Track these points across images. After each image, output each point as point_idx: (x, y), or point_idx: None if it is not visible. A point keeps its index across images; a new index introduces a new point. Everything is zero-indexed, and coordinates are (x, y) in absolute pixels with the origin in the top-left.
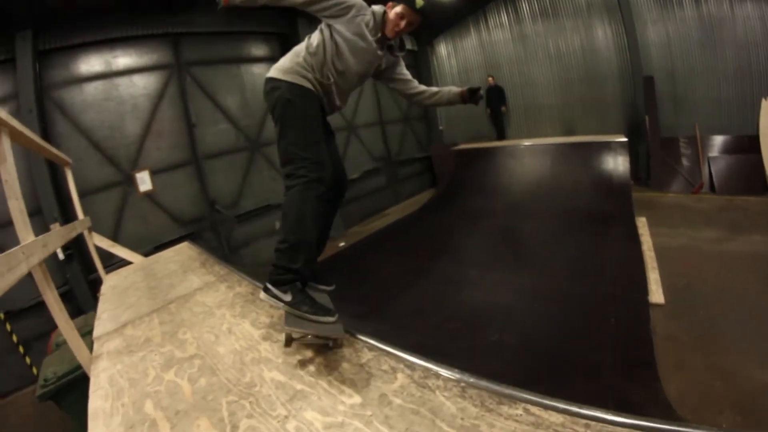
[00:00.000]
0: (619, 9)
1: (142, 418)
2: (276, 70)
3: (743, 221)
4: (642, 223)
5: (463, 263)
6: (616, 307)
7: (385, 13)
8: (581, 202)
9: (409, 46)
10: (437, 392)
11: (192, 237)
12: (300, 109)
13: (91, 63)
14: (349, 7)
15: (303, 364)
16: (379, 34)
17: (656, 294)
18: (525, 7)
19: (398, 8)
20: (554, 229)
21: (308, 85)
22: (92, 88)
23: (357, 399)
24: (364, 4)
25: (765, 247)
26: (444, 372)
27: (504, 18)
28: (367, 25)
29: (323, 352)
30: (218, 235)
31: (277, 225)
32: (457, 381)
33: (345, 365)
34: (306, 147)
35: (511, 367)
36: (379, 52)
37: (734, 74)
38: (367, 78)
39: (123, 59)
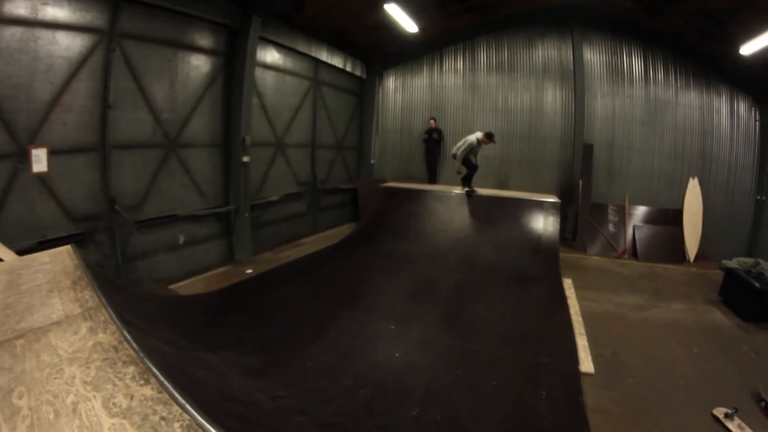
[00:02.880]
0: (573, 77)
1: None
2: None
3: (664, 288)
4: (568, 285)
5: (379, 314)
6: (547, 376)
7: (481, 139)
8: (510, 259)
9: (358, 72)
10: None
11: (83, 237)
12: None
13: (16, 3)
14: (474, 145)
15: None
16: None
17: (586, 362)
18: (483, 57)
19: (489, 141)
20: (480, 285)
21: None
22: (8, 34)
23: None
24: (474, 139)
25: (685, 315)
26: None
27: (459, 64)
28: (478, 143)
29: None
30: (113, 240)
31: (181, 240)
32: None
33: None
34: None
35: None
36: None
37: (668, 153)
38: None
39: (53, 9)
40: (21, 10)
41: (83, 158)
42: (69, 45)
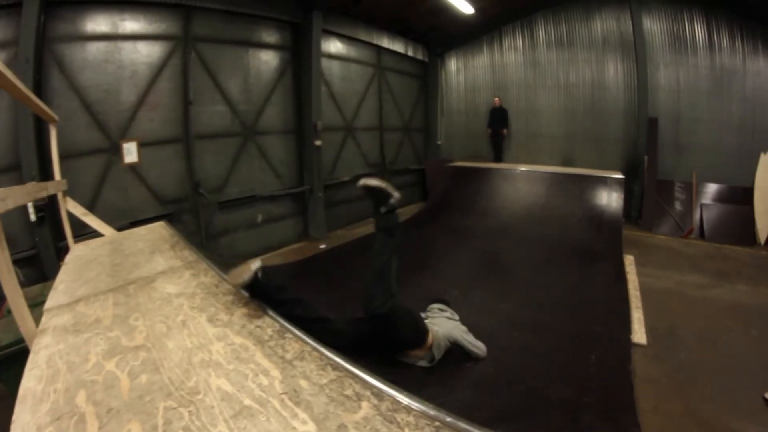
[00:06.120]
0: (634, 48)
1: (71, 410)
2: None
3: (729, 270)
4: (629, 261)
5: (443, 281)
6: (598, 343)
7: None
8: (571, 234)
9: (420, 56)
10: (406, 430)
11: (171, 217)
12: None
13: (97, 22)
14: None
15: (256, 374)
16: None
17: (638, 333)
18: (541, 33)
19: None
20: (541, 258)
21: None
22: (94, 48)
23: (311, 427)
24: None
25: (748, 297)
26: (416, 406)
27: (519, 42)
28: None
29: (280, 365)
30: (198, 219)
31: (259, 218)
32: (431, 419)
33: (303, 383)
34: None
35: (485, 398)
36: None
37: (737, 126)
38: None
39: (130, 23)
40: (103, 27)
41: (170, 149)
42: (149, 52)
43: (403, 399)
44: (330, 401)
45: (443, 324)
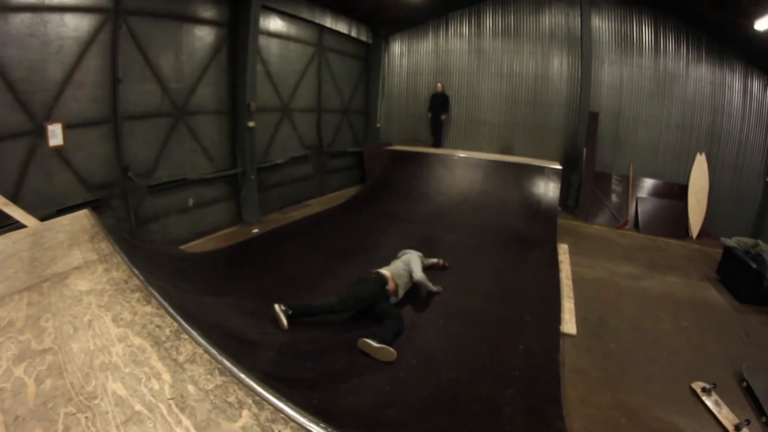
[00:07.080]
0: (581, 44)
1: None
2: None
3: (661, 261)
4: (563, 250)
5: (375, 267)
6: (527, 333)
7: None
8: (506, 222)
9: (363, 38)
10: None
11: (99, 203)
12: None
13: None
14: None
15: (149, 377)
16: None
17: (569, 324)
18: (488, 22)
19: None
20: (474, 245)
21: None
22: (18, 20)
23: None
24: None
25: (678, 288)
26: (296, 417)
27: (465, 29)
28: None
29: (172, 368)
30: (127, 205)
31: (191, 202)
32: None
33: (190, 388)
34: None
35: (402, 392)
36: None
37: (676, 127)
38: None
39: None
40: None
41: (97, 130)
42: (77, 26)
43: (284, 408)
44: (213, 408)
45: (403, 254)
